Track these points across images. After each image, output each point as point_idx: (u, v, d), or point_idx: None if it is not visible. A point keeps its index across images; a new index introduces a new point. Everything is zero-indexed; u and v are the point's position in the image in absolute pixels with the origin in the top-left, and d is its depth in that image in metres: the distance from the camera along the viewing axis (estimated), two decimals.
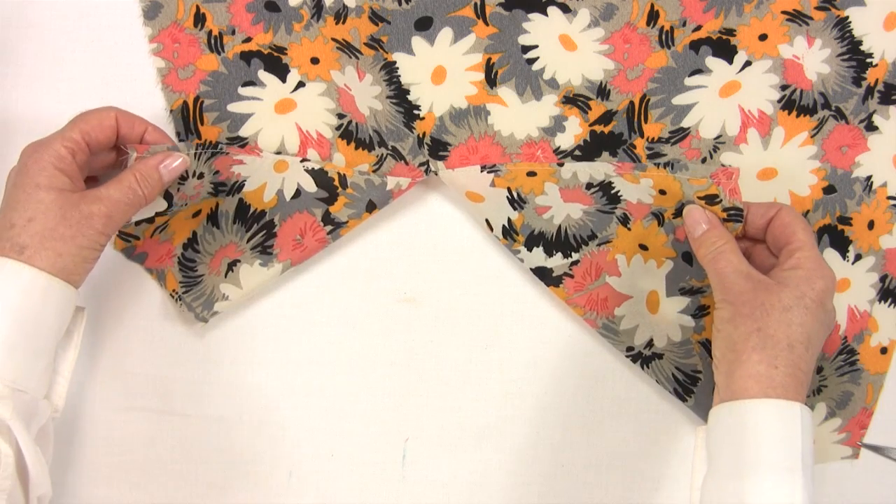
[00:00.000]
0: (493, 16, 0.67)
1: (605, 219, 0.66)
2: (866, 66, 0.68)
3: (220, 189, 0.64)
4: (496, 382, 0.69)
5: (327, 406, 0.68)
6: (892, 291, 0.70)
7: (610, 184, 0.64)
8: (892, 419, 0.70)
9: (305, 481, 0.67)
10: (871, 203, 0.69)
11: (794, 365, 0.57)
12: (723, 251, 0.60)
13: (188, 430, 0.67)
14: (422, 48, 0.67)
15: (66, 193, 0.55)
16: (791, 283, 0.58)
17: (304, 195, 0.65)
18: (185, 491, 0.66)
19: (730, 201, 0.61)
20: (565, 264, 0.66)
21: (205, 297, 0.65)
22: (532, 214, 0.66)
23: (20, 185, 0.55)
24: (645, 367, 0.67)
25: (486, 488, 0.68)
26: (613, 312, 0.66)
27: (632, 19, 0.68)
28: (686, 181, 0.62)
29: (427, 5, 0.67)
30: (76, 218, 0.55)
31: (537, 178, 0.65)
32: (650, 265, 0.66)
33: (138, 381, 0.67)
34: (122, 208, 0.57)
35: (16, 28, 0.67)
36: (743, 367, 0.57)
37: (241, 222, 0.66)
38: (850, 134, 0.68)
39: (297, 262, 0.66)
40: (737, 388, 0.57)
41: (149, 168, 0.58)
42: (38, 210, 0.54)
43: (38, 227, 0.54)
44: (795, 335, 0.57)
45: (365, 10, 0.67)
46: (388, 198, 0.65)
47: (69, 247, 0.55)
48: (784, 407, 0.56)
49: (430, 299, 0.69)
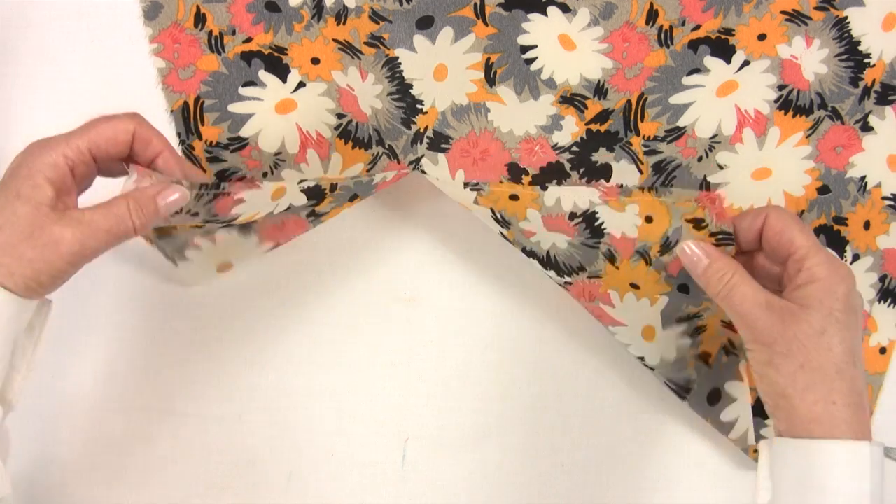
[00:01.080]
0: (493, 16, 0.67)
1: (590, 253, 0.63)
2: (864, 67, 0.68)
3: (214, 219, 0.61)
4: (496, 382, 0.69)
5: (327, 406, 0.68)
6: (891, 291, 0.70)
7: (594, 214, 0.62)
8: (893, 419, 0.70)
9: (305, 481, 0.67)
10: (867, 203, 0.69)
11: (849, 390, 0.53)
12: (734, 285, 0.56)
13: (188, 430, 0.67)
14: (423, 46, 0.67)
15: (42, 209, 0.50)
16: (814, 301, 0.54)
17: (293, 208, 0.63)
18: (185, 491, 0.66)
19: (716, 226, 0.58)
20: (560, 280, 0.65)
21: (177, 243, 0.64)
22: (520, 235, 0.64)
23: (4, 186, 0.52)
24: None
25: (486, 488, 0.68)
26: (608, 327, 0.65)
27: (631, 18, 0.68)
28: (673, 205, 0.59)
29: (428, 5, 0.67)
30: (42, 241, 0.50)
31: (520, 203, 0.63)
32: (643, 303, 0.64)
33: (138, 381, 0.67)
34: (102, 237, 0.52)
35: (16, 28, 0.68)
36: (798, 413, 0.54)
37: (226, 225, 0.63)
38: (846, 134, 0.69)
39: (276, 240, 0.65)
40: (800, 432, 0.54)
41: (146, 198, 0.53)
42: (8, 220, 0.50)
43: (2, 238, 0.50)
44: (839, 358, 0.54)
45: (365, 10, 0.67)
46: (370, 189, 0.64)
47: (25, 269, 0.50)
48: (850, 449, 0.53)
49: (430, 299, 0.69)
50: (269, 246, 0.66)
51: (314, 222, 0.66)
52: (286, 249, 0.68)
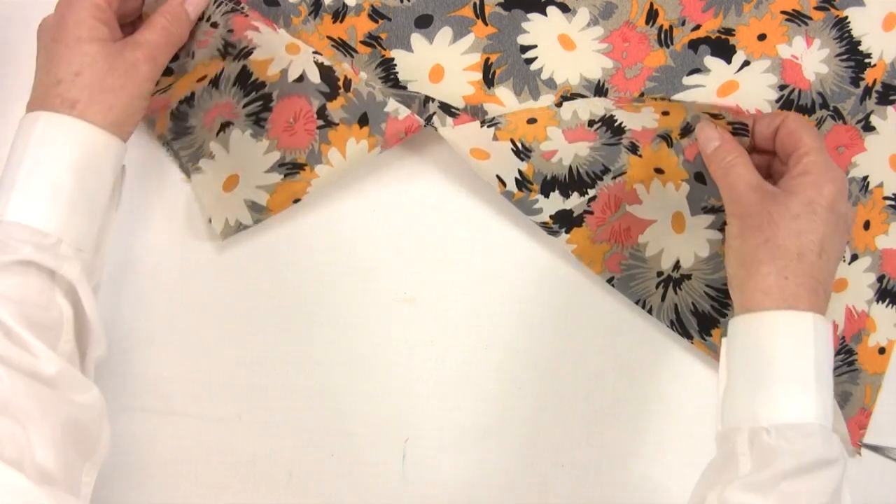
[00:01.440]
0: (493, 16, 0.67)
1: (613, 150, 0.65)
2: (864, 67, 0.68)
3: (229, 50, 0.64)
4: (496, 382, 0.69)
5: (327, 406, 0.68)
6: (890, 291, 0.70)
7: (612, 117, 0.64)
8: (892, 419, 0.71)
9: (305, 481, 0.67)
10: (868, 203, 0.69)
11: (806, 274, 0.55)
12: (734, 164, 0.59)
13: (188, 430, 0.67)
14: (421, 46, 0.67)
15: (108, 44, 0.55)
16: (799, 189, 0.57)
17: (306, 82, 0.64)
18: (185, 491, 0.66)
19: (734, 117, 0.61)
20: (583, 202, 0.65)
21: (193, 148, 0.66)
22: (541, 161, 0.65)
23: (59, 39, 0.54)
24: (676, 290, 0.67)
25: (486, 488, 0.68)
26: (637, 240, 0.67)
27: (631, 18, 0.68)
28: (689, 103, 0.62)
29: (428, 3, 0.67)
30: (123, 67, 0.54)
31: (538, 124, 0.65)
32: (669, 188, 0.66)
33: (138, 381, 0.66)
34: (163, 50, 0.57)
35: (16, 28, 0.68)
36: (753, 281, 0.56)
37: (240, 86, 0.65)
38: (847, 134, 0.69)
39: (283, 145, 0.65)
40: (749, 302, 0.56)
41: (175, 7, 0.58)
42: (83, 63, 0.54)
43: (86, 80, 0.53)
44: (806, 244, 0.56)
45: (365, 7, 0.67)
46: (382, 119, 0.64)
47: (119, 98, 0.54)
48: (795, 318, 0.55)
49: (430, 299, 0.69)
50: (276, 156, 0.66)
51: (321, 134, 0.65)
52: (286, 249, 0.68)
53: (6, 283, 0.50)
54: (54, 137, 0.53)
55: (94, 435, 0.53)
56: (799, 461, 0.52)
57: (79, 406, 0.51)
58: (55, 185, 0.52)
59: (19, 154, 0.53)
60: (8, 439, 0.46)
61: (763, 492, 0.52)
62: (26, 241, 0.51)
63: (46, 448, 0.47)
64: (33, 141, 0.53)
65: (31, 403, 0.48)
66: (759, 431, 0.53)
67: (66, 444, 0.49)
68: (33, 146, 0.52)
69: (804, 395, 0.54)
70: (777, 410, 0.54)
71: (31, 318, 0.50)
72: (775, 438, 0.53)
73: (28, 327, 0.49)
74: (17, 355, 0.49)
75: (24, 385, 0.48)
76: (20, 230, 0.51)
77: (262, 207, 0.65)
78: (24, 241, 0.51)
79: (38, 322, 0.50)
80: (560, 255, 0.69)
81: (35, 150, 0.52)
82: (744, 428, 0.54)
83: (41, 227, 0.51)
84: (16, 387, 0.48)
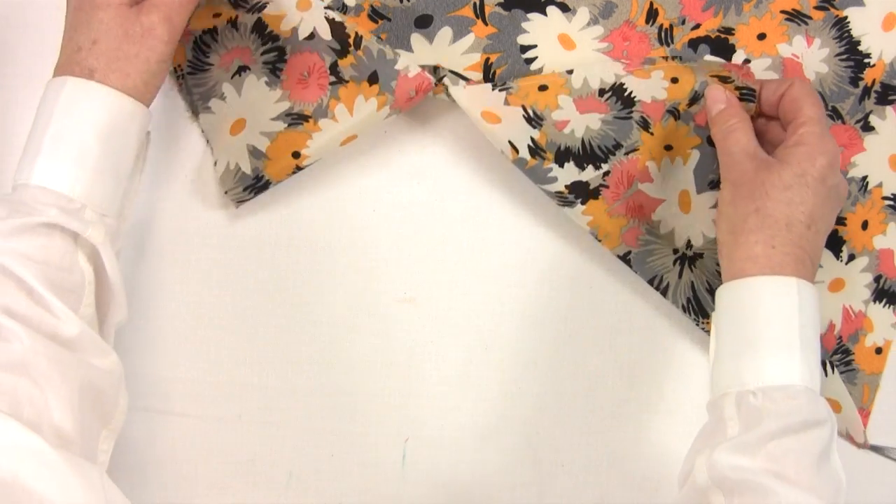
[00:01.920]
0: (493, 16, 0.67)
1: (625, 125, 0.65)
2: (864, 67, 0.68)
3: (241, 3, 0.63)
4: (496, 382, 0.69)
5: (327, 406, 0.68)
6: (887, 291, 0.70)
7: (622, 85, 0.64)
8: (892, 419, 0.71)
9: (305, 481, 0.67)
10: (866, 203, 0.69)
11: (794, 244, 0.56)
12: (734, 129, 0.60)
13: (188, 430, 0.66)
14: (421, 46, 0.67)
15: (122, 8, 0.54)
16: (793, 160, 0.57)
17: (317, 38, 0.64)
18: (185, 491, 0.66)
19: (742, 81, 0.61)
20: (599, 175, 0.65)
21: (206, 87, 0.66)
22: (553, 131, 0.65)
23: (80, 5, 0.54)
24: (692, 268, 0.67)
25: (486, 488, 0.68)
26: (651, 218, 0.67)
27: (631, 17, 0.68)
28: (697, 68, 0.62)
29: (427, 3, 0.67)
30: (138, 33, 0.54)
31: (550, 92, 0.65)
32: (677, 163, 0.66)
33: (138, 381, 0.66)
34: (179, 10, 0.56)
35: (16, 28, 0.67)
36: (741, 249, 0.57)
37: (258, 34, 0.65)
38: (847, 134, 0.69)
39: (295, 97, 0.65)
40: (736, 270, 0.57)
41: None
42: (100, 31, 0.53)
43: (102, 48, 0.53)
44: (795, 214, 0.56)
45: (365, 7, 0.67)
46: (392, 77, 0.63)
47: (136, 65, 0.54)
48: (779, 283, 0.55)
49: (430, 299, 0.69)
50: (285, 105, 0.66)
51: (332, 90, 0.65)
52: (286, 249, 0.68)
53: (30, 244, 0.50)
54: (79, 103, 0.53)
55: (112, 400, 0.53)
56: (785, 422, 0.52)
57: (97, 370, 0.51)
58: (81, 150, 0.52)
59: (45, 119, 0.53)
60: (27, 401, 0.46)
61: (751, 452, 0.52)
62: (52, 204, 0.51)
63: (64, 411, 0.48)
64: (60, 106, 0.53)
65: (51, 366, 0.48)
66: (746, 395, 0.54)
67: (84, 408, 0.49)
68: (59, 111, 0.53)
69: (790, 358, 0.54)
70: (763, 373, 0.54)
71: (54, 280, 0.50)
72: (761, 400, 0.53)
73: (50, 288, 0.50)
74: (39, 316, 0.49)
75: (44, 346, 0.48)
76: (46, 194, 0.52)
77: (262, 154, 0.65)
78: (50, 205, 0.51)
79: (61, 284, 0.51)
80: (560, 255, 0.69)
81: (61, 116, 0.53)
82: (731, 392, 0.55)
83: (66, 192, 0.52)
84: (36, 348, 0.48)
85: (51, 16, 0.67)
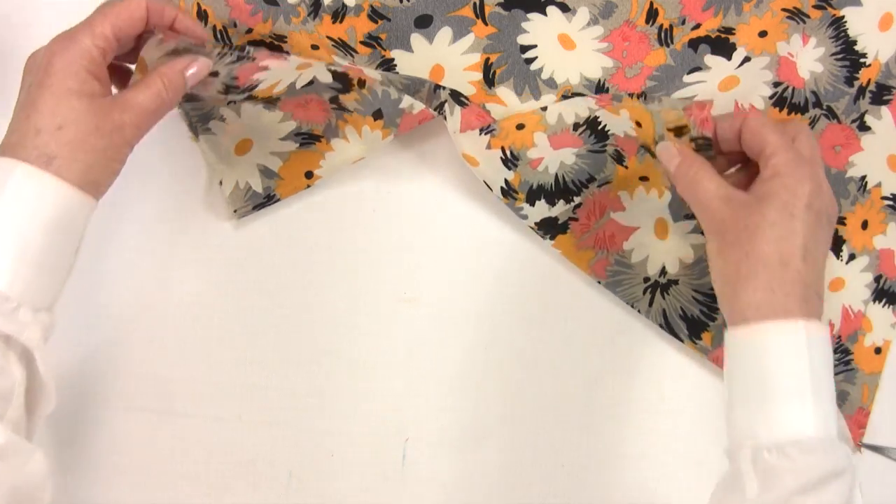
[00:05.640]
0: (493, 16, 0.67)
1: (599, 159, 0.65)
2: (859, 67, 0.69)
3: (231, 90, 0.62)
4: (496, 382, 0.69)
5: (327, 406, 0.68)
6: (887, 291, 0.70)
7: (596, 119, 0.64)
8: (891, 419, 0.71)
9: (305, 481, 0.67)
10: (866, 203, 0.69)
11: (793, 282, 0.53)
12: (698, 179, 0.57)
13: (188, 430, 0.66)
14: (421, 46, 0.67)
15: (97, 100, 0.52)
16: (772, 194, 0.54)
17: (316, 84, 0.63)
18: (185, 491, 0.66)
19: (698, 131, 0.59)
20: (569, 209, 0.65)
21: (203, 111, 0.65)
22: (527, 171, 0.65)
23: (48, 86, 0.51)
24: (664, 295, 0.67)
25: (486, 488, 0.68)
26: (622, 247, 0.67)
27: (631, 17, 0.68)
28: (657, 113, 0.60)
29: (427, 3, 0.67)
30: (108, 129, 0.51)
31: (526, 130, 0.65)
32: (652, 195, 0.66)
33: (138, 381, 0.66)
34: (149, 117, 0.54)
35: (16, 28, 0.67)
36: (740, 299, 0.54)
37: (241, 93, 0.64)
38: (843, 133, 0.69)
39: (298, 118, 0.65)
40: (738, 319, 0.54)
41: (175, 73, 0.55)
42: (69, 118, 0.50)
43: (69, 136, 0.50)
44: (787, 250, 0.53)
45: (364, 7, 0.67)
46: (396, 115, 0.63)
47: (99, 159, 0.51)
48: (785, 328, 0.53)
49: (430, 299, 0.69)
50: (292, 125, 0.65)
51: (337, 114, 0.65)
52: (286, 249, 0.68)
53: None
54: (28, 193, 0.50)
55: (39, 496, 0.51)
56: (804, 479, 0.51)
57: (24, 475, 0.49)
58: (24, 243, 0.49)
59: None
60: None
61: None
62: None
63: None
64: (6, 195, 0.49)
65: None
66: (761, 450, 0.52)
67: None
68: (6, 200, 0.49)
69: (802, 407, 0.52)
70: (775, 427, 0.52)
71: None
72: (776, 457, 0.51)
73: None
74: None
75: None
76: None
77: (274, 174, 0.65)
78: None
79: None
80: (560, 255, 0.69)
81: (5, 205, 0.49)
82: (746, 446, 0.53)
83: (4, 290, 0.49)
84: None
85: (51, 16, 0.67)
